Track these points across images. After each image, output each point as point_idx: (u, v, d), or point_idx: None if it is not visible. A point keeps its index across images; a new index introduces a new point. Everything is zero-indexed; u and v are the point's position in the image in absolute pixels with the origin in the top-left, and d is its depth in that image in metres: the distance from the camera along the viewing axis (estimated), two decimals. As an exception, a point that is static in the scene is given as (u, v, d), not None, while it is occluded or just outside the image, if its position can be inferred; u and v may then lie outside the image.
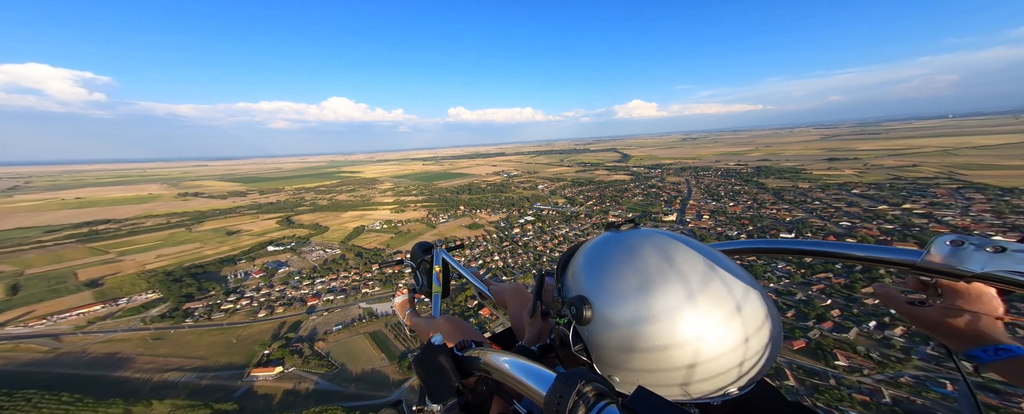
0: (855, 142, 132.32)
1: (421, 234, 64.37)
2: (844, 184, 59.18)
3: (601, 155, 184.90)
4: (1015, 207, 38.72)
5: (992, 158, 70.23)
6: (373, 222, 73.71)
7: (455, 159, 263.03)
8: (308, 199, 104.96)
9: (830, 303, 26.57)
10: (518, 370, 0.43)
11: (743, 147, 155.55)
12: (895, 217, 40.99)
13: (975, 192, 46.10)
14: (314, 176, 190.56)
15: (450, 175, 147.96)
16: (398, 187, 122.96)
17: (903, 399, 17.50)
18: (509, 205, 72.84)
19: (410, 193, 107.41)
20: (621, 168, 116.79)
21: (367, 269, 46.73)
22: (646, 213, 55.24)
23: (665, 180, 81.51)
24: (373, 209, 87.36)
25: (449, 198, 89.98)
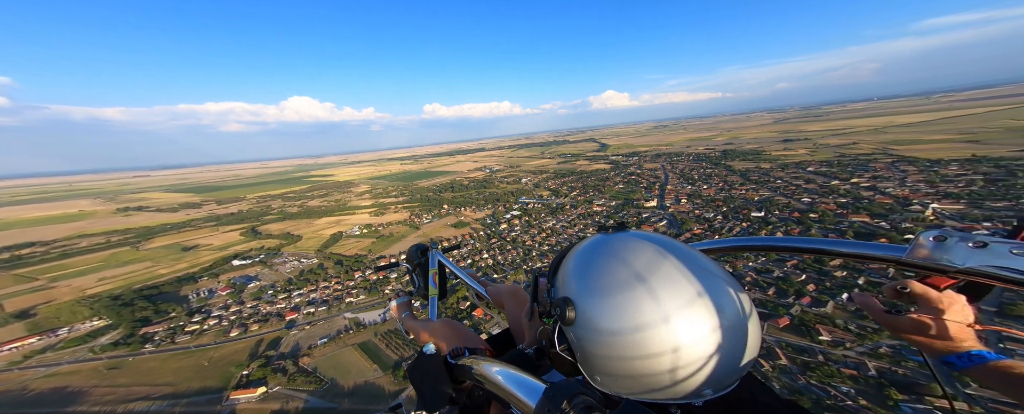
0: (803, 124, 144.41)
1: (405, 236, 62.07)
2: (800, 163, 64.54)
3: (580, 146, 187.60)
4: (943, 176, 44.17)
5: (916, 134, 79.63)
6: (351, 227, 69.90)
7: (434, 157, 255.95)
8: (275, 207, 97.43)
9: (805, 278, 27.85)
10: (508, 381, 0.44)
11: (709, 132, 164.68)
12: (846, 191, 45.29)
13: (908, 165, 52.08)
14: (280, 182, 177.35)
15: (431, 174, 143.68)
16: (376, 189, 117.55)
17: (885, 370, 17.87)
18: (494, 201, 71.96)
19: (389, 194, 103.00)
20: (601, 157, 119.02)
21: (349, 277, 44.30)
22: (628, 200, 56.94)
23: (643, 167, 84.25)
24: (350, 214, 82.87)
25: (431, 197, 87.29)
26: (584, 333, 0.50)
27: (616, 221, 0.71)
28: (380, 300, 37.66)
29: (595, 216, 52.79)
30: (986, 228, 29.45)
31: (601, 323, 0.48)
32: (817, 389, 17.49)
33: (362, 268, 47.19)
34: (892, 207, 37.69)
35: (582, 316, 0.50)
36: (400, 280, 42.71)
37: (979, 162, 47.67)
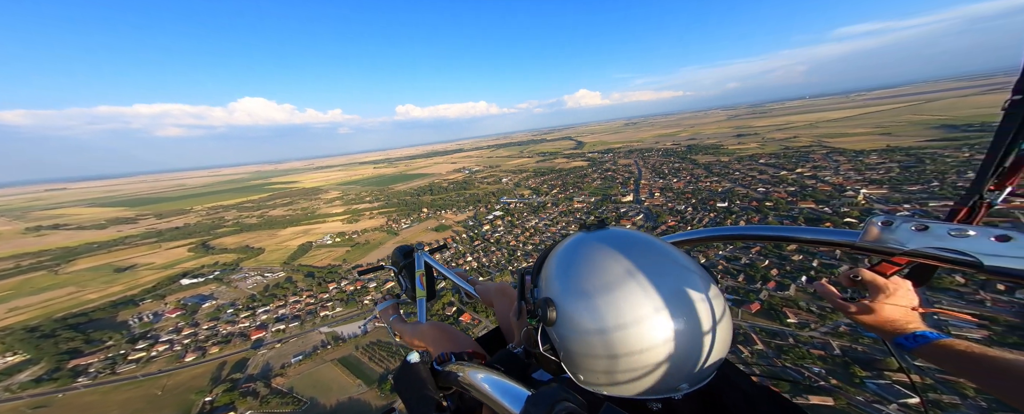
0: (751, 120, 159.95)
1: (383, 243, 59.31)
2: (753, 156, 71.17)
3: (558, 144, 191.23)
4: (867, 165, 50.98)
5: (841, 128, 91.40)
6: (322, 236, 65.49)
7: (410, 159, 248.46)
8: (229, 218, 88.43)
9: (768, 264, 29.78)
10: (492, 387, 0.44)
11: (673, 129, 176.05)
12: (793, 180, 50.66)
13: (839, 155, 59.54)
14: (234, 191, 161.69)
15: (407, 177, 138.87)
16: (347, 195, 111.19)
17: (847, 348, 18.72)
18: (475, 202, 71.05)
19: (363, 200, 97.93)
20: (578, 155, 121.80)
21: (323, 289, 41.37)
22: (607, 196, 59.03)
23: (617, 163, 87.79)
24: (320, 222, 77.62)
25: (410, 201, 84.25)
26: (566, 333, 0.52)
27: (597, 218, 0.72)
28: (359, 311, 35.54)
29: (577, 213, 54.02)
30: (906, 209, 34.25)
31: (582, 323, 0.50)
32: (793, 371, 18.08)
33: (337, 279, 44.28)
34: (831, 194, 42.75)
35: (563, 316, 0.51)
36: (381, 289, 40.64)
37: (893, 151, 55.66)
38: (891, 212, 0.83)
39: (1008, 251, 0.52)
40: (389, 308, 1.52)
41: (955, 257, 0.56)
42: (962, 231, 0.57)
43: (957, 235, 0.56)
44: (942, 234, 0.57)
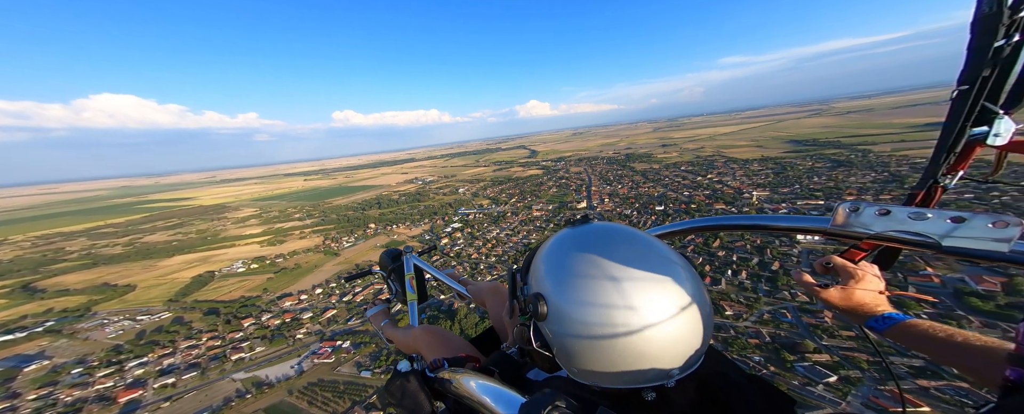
0: (670, 132, 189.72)
1: (320, 266, 50.86)
2: (675, 163, 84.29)
3: (513, 153, 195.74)
4: (753, 171, 64.96)
5: (731, 141, 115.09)
6: (231, 264, 52.87)
7: (353, 170, 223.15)
8: (72, 249, 64.94)
9: (702, 260, 32.07)
10: (485, 394, 0.45)
11: (613, 139, 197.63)
12: (707, 184, 61.27)
13: (734, 164, 74.76)
14: (82, 213, 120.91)
15: (349, 189, 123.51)
16: (268, 212, 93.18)
17: (774, 333, 20.24)
18: (431, 214, 66.49)
19: (290, 217, 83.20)
20: (533, 163, 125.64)
21: (234, 327, 32.67)
22: (563, 203, 61.89)
23: (570, 171, 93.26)
24: (227, 246, 62.79)
25: (353, 216, 74.42)
26: (558, 327, 0.52)
27: (581, 214, 0.71)
28: (291, 348, 28.88)
29: (536, 221, 54.94)
30: (784, 209, 43.75)
31: (572, 316, 0.50)
32: (739, 362, 20.60)
33: (256, 312, 35.55)
34: (734, 196, 52.84)
35: (554, 310, 0.52)
36: (318, 320, 33.85)
37: (766, 161, 72.42)
38: (869, 201, 0.78)
39: (962, 231, 0.56)
40: (380, 313, 1.46)
41: (915, 239, 0.60)
42: (920, 214, 0.61)
43: (916, 218, 0.60)
44: (903, 218, 0.61)
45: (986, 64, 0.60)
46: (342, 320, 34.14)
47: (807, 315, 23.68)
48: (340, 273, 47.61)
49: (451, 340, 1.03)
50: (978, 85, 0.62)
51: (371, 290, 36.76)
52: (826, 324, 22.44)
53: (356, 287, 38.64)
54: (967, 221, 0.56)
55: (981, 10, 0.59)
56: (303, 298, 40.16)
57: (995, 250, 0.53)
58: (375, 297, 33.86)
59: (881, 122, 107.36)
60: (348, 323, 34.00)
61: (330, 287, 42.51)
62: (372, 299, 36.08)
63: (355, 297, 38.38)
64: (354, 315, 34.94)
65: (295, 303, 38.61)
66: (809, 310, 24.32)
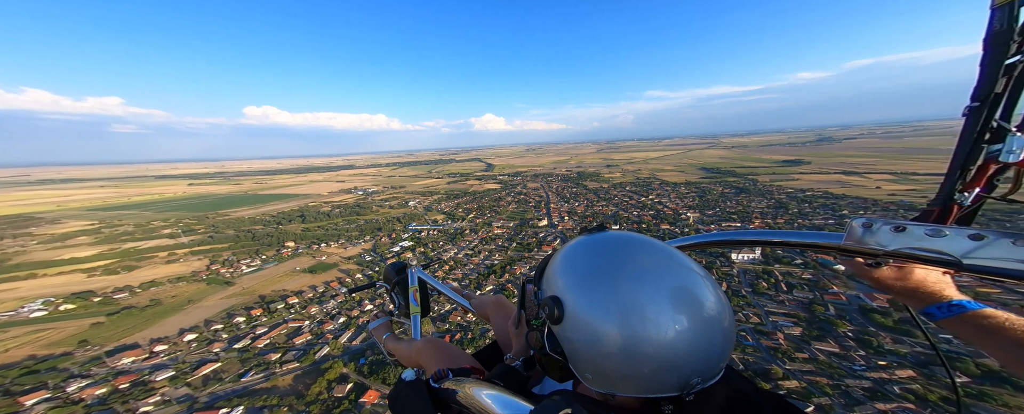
0: (611, 154, 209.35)
1: (198, 299, 37.60)
2: (621, 183, 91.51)
3: (468, 165, 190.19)
4: (683, 194, 74.06)
5: (659, 165, 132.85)
6: (20, 305, 34.72)
7: (268, 175, 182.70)
8: None
9: None
10: (493, 403, 0.44)
11: (563, 157, 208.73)
12: (650, 205, 66.90)
13: (668, 187, 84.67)
14: None
15: (258, 198, 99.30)
16: (114, 226, 66.87)
17: (741, 357, 21.56)
18: (374, 230, 56.47)
19: (155, 233, 61.02)
20: (489, 177, 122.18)
21: (4, 408, 19.49)
22: (524, 221, 59.29)
23: (527, 187, 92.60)
24: (19, 277, 41.76)
25: (261, 232, 58.23)
26: (573, 330, 0.51)
27: (598, 222, 0.72)
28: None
29: (498, 239, 50.84)
30: (725, 226, 49.46)
31: (589, 319, 0.49)
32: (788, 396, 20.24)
33: (57, 380, 22.23)
34: (675, 216, 58.33)
35: (570, 313, 0.51)
36: (185, 379, 22.73)
37: (691, 185, 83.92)
38: (882, 217, 0.57)
39: (984, 250, 0.55)
40: (382, 326, 1.48)
41: (935, 256, 0.58)
42: (938, 231, 0.60)
43: (933, 235, 0.59)
44: (919, 235, 0.60)
45: (998, 81, 0.61)
46: (230, 376, 24.13)
47: (764, 338, 25.14)
48: (232, 308, 34.88)
49: (453, 353, 0.99)
50: (990, 102, 0.63)
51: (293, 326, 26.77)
52: (782, 347, 23.93)
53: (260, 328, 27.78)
54: (987, 239, 0.54)
55: (993, 27, 0.60)
56: (158, 350, 27.46)
57: (1019, 269, 0.51)
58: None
59: (755, 157, 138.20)
60: (242, 380, 23.76)
61: (213, 331, 30.25)
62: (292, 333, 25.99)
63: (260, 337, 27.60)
64: (251, 368, 24.91)
65: (139, 358, 26.29)
66: (764, 332, 25.95)
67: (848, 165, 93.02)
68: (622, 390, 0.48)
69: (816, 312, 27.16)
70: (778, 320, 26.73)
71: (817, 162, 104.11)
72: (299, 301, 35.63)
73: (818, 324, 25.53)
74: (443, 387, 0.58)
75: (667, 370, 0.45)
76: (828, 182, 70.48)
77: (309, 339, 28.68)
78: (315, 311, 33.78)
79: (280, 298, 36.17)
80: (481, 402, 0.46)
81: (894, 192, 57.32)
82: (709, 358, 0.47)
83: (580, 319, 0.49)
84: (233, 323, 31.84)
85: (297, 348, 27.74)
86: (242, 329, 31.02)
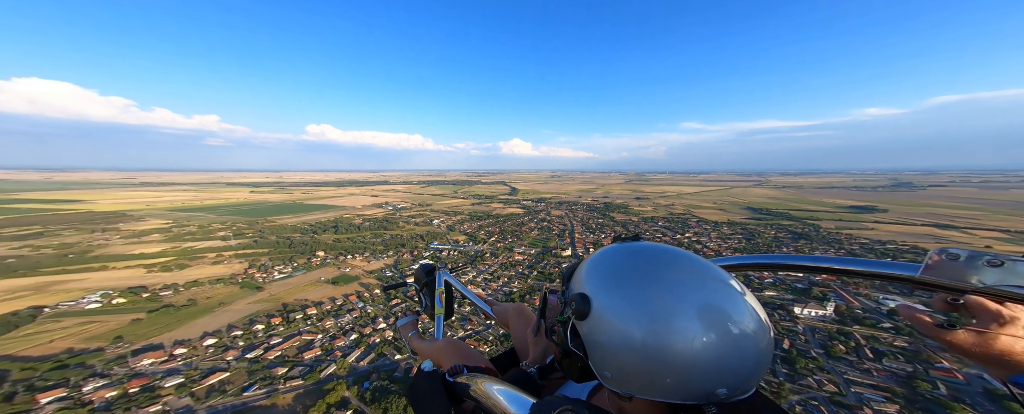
0: (640, 186, 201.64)
1: (227, 303, 38.48)
2: (651, 218, 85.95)
3: (493, 187, 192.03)
4: (725, 235, 67.10)
5: (695, 201, 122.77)
6: (83, 295, 37.75)
7: (314, 186, 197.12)
8: None
9: None
10: (499, 395, 0.45)
11: (589, 186, 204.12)
12: (688, 243, 60.96)
13: (706, 224, 77.80)
14: None
15: (303, 207, 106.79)
16: (182, 226, 74.40)
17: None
18: (397, 246, 56.93)
19: (213, 234, 66.62)
20: (513, 201, 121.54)
21: (18, 406, 20.06)
22: (546, 248, 56.70)
23: (551, 214, 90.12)
24: (93, 269, 46.34)
25: (298, 240, 61.05)
26: (596, 328, 0.51)
27: (631, 233, 0.70)
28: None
29: (518, 266, 48.49)
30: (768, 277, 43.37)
31: (614, 318, 0.49)
32: None
33: (78, 378, 22.60)
34: (716, 258, 52.29)
35: (596, 310, 0.51)
36: (191, 388, 22.09)
37: (734, 226, 76.34)
38: (967, 249, 0.57)
39: None
40: (409, 324, 1.59)
41: None
42: None
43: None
44: (1021, 271, 0.52)
45: None
46: (235, 389, 23.10)
47: (845, 411, 19.65)
48: (256, 314, 35.30)
49: (471, 354, 1.04)
50: None
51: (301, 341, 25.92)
52: None
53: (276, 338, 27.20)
54: None
55: None
56: (178, 353, 27.49)
57: None
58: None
59: (814, 199, 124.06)
60: (244, 394, 22.63)
61: (232, 337, 30.27)
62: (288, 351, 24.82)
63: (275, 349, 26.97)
64: (256, 382, 23.75)
65: (158, 361, 26.22)
66: (844, 404, 20.25)
67: (939, 217, 78.79)
68: (640, 393, 0.48)
69: (919, 389, 20.94)
70: (863, 392, 21.31)
71: (896, 211, 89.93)
72: (317, 312, 35.34)
73: (924, 405, 19.76)
74: (458, 381, 0.60)
75: (690, 379, 0.45)
76: (916, 235, 59.55)
77: (318, 354, 27.77)
78: (330, 325, 33.08)
79: (300, 307, 36.17)
80: (492, 395, 0.47)
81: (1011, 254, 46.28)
82: (738, 373, 0.46)
83: (605, 317, 0.49)
84: (252, 330, 31.83)
85: (305, 363, 26.68)
86: (258, 338, 30.83)
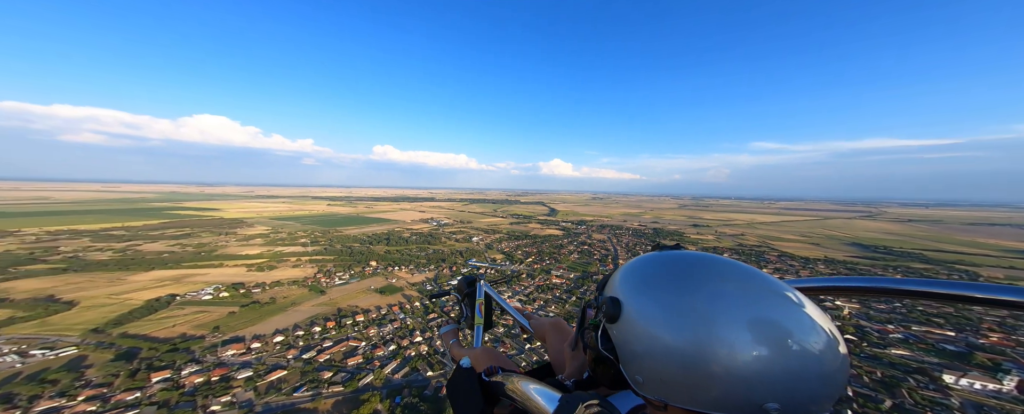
0: (698, 212, 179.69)
1: (295, 304, 43.07)
2: (715, 248, 74.23)
3: (531, 207, 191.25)
4: (821, 274, 53.79)
5: (774, 231, 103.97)
6: (202, 287, 46.10)
7: (374, 201, 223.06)
8: (66, 249, 61.90)
9: None
10: (532, 391, 0.46)
11: (635, 209, 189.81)
12: (767, 276, 50.57)
13: (791, 260, 63.93)
14: (111, 212, 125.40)
15: (364, 219, 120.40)
16: (277, 232, 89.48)
17: None
18: (438, 260, 59.01)
19: (296, 241, 78.42)
20: (552, 222, 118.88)
21: (135, 382, 24.14)
22: (586, 273, 52.80)
23: (592, 237, 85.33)
24: (213, 265, 57.10)
25: (357, 250, 67.95)
26: (627, 330, 0.47)
27: (673, 243, 0.66)
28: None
29: (555, 289, 45.65)
30: (895, 331, 32.46)
31: (645, 318, 0.46)
32: None
33: (177, 364, 26.75)
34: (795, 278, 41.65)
35: (626, 314, 0.47)
36: (255, 383, 24.45)
37: (834, 264, 61.06)
38: None
39: None
40: (450, 332, 1.67)
41: None
42: None
43: None
44: None
45: None
46: (289, 387, 24.79)
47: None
48: (317, 316, 39.12)
49: (507, 361, 1.06)
50: None
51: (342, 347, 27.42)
52: None
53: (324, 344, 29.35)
54: None
55: None
56: (254, 347, 30.99)
57: None
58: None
59: (963, 238, 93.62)
60: (294, 394, 24.22)
61: (295, 336, 33.32)
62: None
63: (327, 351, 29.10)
64: (305, 383, 25.33)
65: (239, 353, 29.65)
66: None
67: None
68: (676, 401, 0.46)
69: None
70: None
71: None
72: (363, 320, 37.24)
73: None
74: (493, 380, 0.62)
75: (732, 391, 0.42)
76: None
77: (360, 362, 28.83)
78: (373, 333, 34.49)
79: (351, 314, 38.90)
80: (524, 391, 0.48)
81: None
82: (795, 390, 0.43)
83: (635, 322, 0.47)
84: (311, 331, 34.69)
85: (347, 370, 27.82)
86: (314, 339, 33.58)
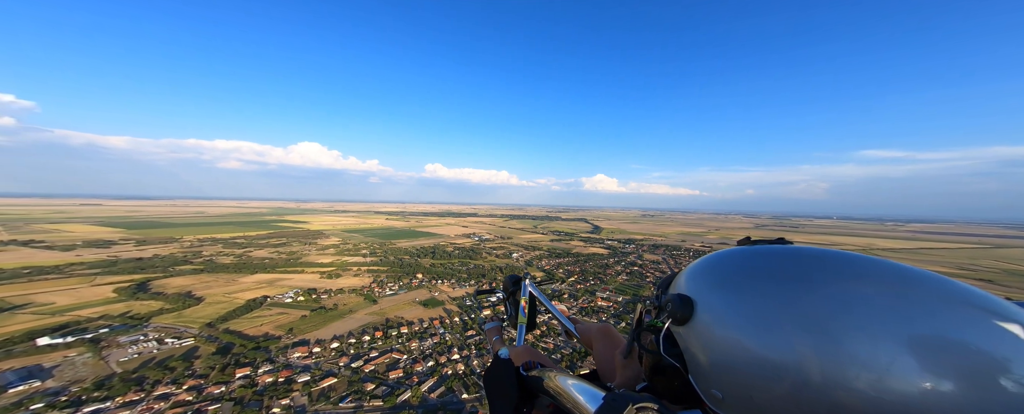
0: (784, 233, 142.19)
1: (351, 312, 46.78)
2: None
3: (573, 224, 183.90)
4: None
5: (914, 261, 78.65)
6: (285, 291, 53.68)
7: (424, 216, 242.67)
8: (207, 254, 79.68)
9: None
10: (572, 388, 0.41)
11: (697, 228, 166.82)
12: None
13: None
14: (240, 224, 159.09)
15: (415, 233, 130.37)
16: (345, 243, 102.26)
17: None
18: (478, 276, 59.27)
19: (359, 251, 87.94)
20: (596, 240, 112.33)
21: (225, 376, 27.89)
22: (637, 297, 46.40)
23: (643, 257, 76.72)
24: (297, 271, 66.70)
25: (407, 262, 72.85)
26: (705, 331, 0.35)
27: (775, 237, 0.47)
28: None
29: (600, 312, 40.85)
30: None
31: (734, 318, 0.33)
32: None
33: (256, 361, 30.58)
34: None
35: (701, 311, 0.35)
36: (311, 388, 26.31)
37: (1022, 293, 42.06)
38: None
39: None
40: (494, 329, 1.66)
41: None
42: None
43: None
44: None
45: None
46: (336, 396, 25.98)
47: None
48: (368, 325, 42.00)
49: (547, 360, 1.03)
50: None
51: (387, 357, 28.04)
52: None
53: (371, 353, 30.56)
54: None
55: None
56: (315, 351, 33.86)
57: None
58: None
59: None
60: (341, 405, 25.33)
61: (349, 344, 35.53)
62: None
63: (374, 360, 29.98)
64: (350, 394, 26.26)
65: (302, 356, 32.44)
66: None
67: None
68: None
69: None
70: None
71: None
72: (407, 332, 38.25)
73: None
74: (531, 375, 0.61)
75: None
76: None
77: (400, 376, 29.19)
78: (414, 346, 34.99)
79: (396, 325, 40.57)
80: (564, 387, 0.44)
81: None
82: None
83: (713, 324, 0.34)
84: (362, 340, 36.71)
85: (388, 383, 28.34)
86: (363, 348, 35.37)
